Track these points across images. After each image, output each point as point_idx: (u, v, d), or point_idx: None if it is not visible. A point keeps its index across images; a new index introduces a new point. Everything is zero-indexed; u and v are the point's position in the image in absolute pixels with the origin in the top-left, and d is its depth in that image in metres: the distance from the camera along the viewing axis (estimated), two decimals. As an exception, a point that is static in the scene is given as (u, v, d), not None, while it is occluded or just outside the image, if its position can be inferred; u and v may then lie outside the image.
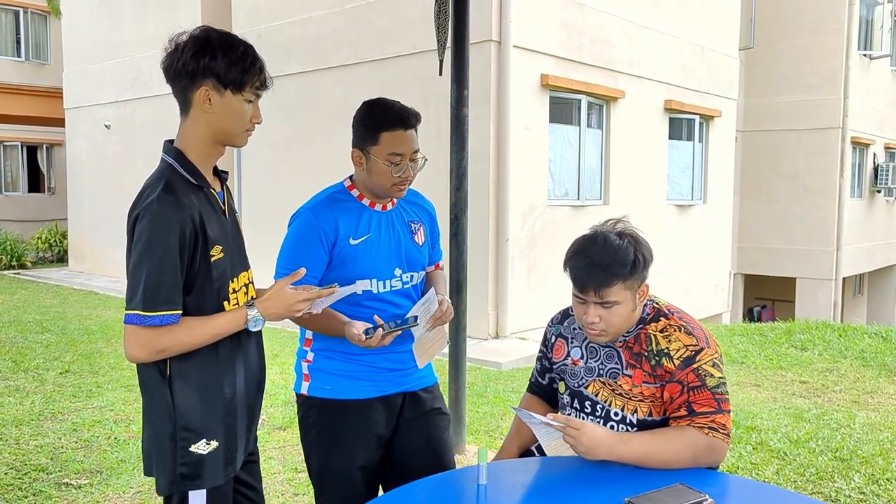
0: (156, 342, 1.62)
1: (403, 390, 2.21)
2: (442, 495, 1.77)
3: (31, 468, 3.80)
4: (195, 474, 1.70)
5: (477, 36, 7.45)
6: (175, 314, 1.63)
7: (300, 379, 2.19)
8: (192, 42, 1.67)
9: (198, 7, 11.24)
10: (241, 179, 10.70)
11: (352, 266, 2.09)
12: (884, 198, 17.16)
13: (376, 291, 2.13)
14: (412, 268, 2.22)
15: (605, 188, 9.41)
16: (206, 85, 1.67)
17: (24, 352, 6.63)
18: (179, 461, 1.69)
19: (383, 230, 2.16)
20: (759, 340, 7.52)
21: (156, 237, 1.60)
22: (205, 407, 1.71)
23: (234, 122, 1.72)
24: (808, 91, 14.82)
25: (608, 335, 1.92)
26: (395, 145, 2.06)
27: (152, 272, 1.59)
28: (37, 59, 18.42)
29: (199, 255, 1.67)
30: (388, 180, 2.09)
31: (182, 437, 1.69)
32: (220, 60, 1.66)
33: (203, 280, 1.69)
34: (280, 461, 3.97)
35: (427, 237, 2.30)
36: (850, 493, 3.55)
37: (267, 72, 1.76)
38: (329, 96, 9.39)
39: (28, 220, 17.94)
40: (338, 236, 2.07)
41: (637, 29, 9.58)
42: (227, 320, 1.70)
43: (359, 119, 2.14)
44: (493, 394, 5.52)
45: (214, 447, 1.72)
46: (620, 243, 1.88)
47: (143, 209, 1.63)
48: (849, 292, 16.95)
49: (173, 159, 1.72)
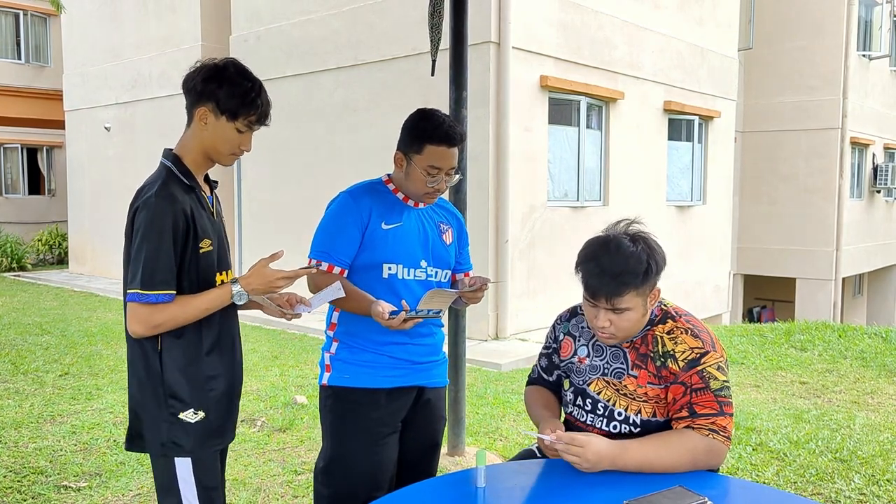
0: (152, 317, 1.81)
1: (417, 384, 2.29)
2: (441, 498, 1.77)
3: (30, 471, 3.80)
4: (185, 442, 1.88)
5: (476, 37, 7.45)
6: (170, 293, 1.83)
7: (322, 371, 2.28)
8: (210, 68, 1.91)
9: (197, 10, 11.24)
10: (242, 181, 10.70)
11: (380, 249, 2.20)
12: (883, 198, 17.15)
13: (401, 277, 2.22)
14: (438, 264, 2.31)
15: (604, 189, 9.41)
16: (206, 106, 1.90)
17: (23, 354, 6.63)
18: (169, 425, 1.87)
19: (413, 222, 2.27)
20: (759, 341, 7.52)
21: (153, 226, 1.81)
22: (191, 381, 1.90)
23: (222, 144, 1.94)
24: (807, 92, 14.82)
25: (618, 338, 1.93)
26: (436, 159, 2.18)
27: (150, 256, 1.80)
28: (37, 61, 18.42)
29: (189, 245, 1.87)
30: (422, 188, 2.22)
31: (170, 405, 1.87)
32: (224, 90, 1.88)
33: (193, 268, 1.89)
34: (280, 463, 3.97)
35: (454, 240, 2.39)
36: (851, 494, 3.54)
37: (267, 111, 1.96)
38: (329, 98, 9.39)
39: (28, 223, 17.94)
40: (371, 219, 2.19)
41: (636, 30, 9.58)
42: (214, 295, 1.89)
43: (409, 125, 2.24)
44: (493, 395, 5.51)
45: (201, 417, 1.90)
46: (634, 250, 1.85)
47: (142, 203, 1.85)
48: (848, 293, 16.95)
49: (171, 163, 1.94)
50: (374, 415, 2.20)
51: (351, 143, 9.04)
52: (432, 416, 2.36)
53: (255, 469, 3.90)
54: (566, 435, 1.80)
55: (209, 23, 11.22)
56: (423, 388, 2.32)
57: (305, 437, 4.40)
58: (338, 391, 2.23)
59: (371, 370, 2.21)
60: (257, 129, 1.97)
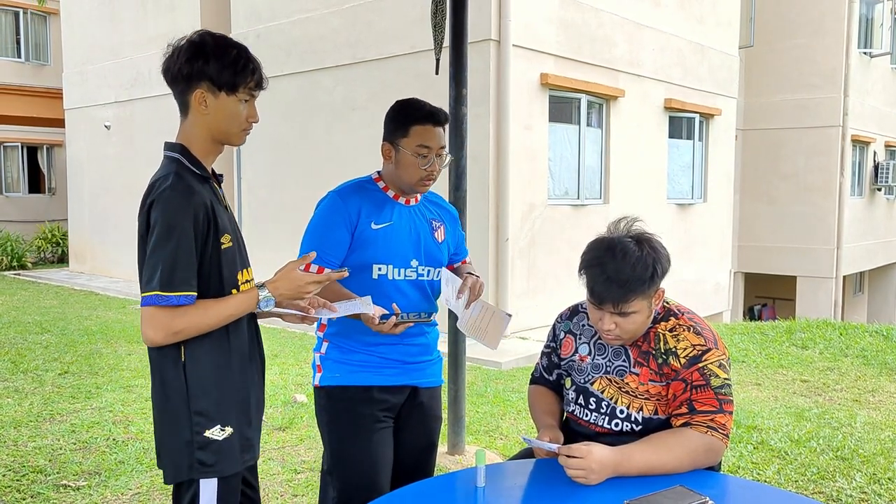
0: (172, 323, 1.65)
1: (410, 384, 2.27)
2: (440, 498, 1.76)
3: (30, 470, 3.79)
4: (211, 460, 1.73)
5: (476, 35, 7.44)
6: (191, 295, 1.67)
7: (314, 372, 2.26)
8: (188, 47, 1.74)
9: (197, 8, 11.22)
10: (241, 179, 10.69)
11: (371, 249, 2.17)
12: (884, 196, 17.14)
13: (391, 277, 2.19)
14: (430, 262, 2.28)
15: (605, 187, 9.40)
16: (201, 88, 1.73)
17: (23, 353, 6.62)
18: (196, 446, 1.72)
19: (405, 221, 2.24)
20: (760, 339, 7.51)
21: (171, 221, 1.65)
22: (219, 393, 1.74)
23: (230, 122, 1.78)
24: (808, 89, 14.80)
25: (623, 340, 1.92)
26: (423, 138, 2.17)
27: (169, 254, 1.64)
28: (37, 59, 18.41)
29: (210, 241, 1.72)
30: (416, 173, 2.17)
31: (196, 423, 1.72)
32: (212, 64, 1.71)
33: (214, 267, 1.73)
34: (279, 462, 3.96)
35: (447, 237, 2.37)
36: (852, 493, 3.53)
37: (262, 72, 1.80)
38: (328, 96, 9.38)
39: (29, 221, 17.93)
40: (360, 219, 2.16)
41: (637, 28, 9.57)
42: (239, 301, 1.75)
43: (391, 115, 2.24)
44: (493, 393, 5.50)
45: (229, 433, 1.75)
46: (640, 255, 1.84)
47: (157, 195, 1.68)
48: (849, 291, 16.94)
49: (178, 154, 1.77)
50: (366, 410, 2.18)
51: (350, 141, 9.03)
52: (427, 416, 2.32)
53: (255, 468, 3.89)
54: (565, 447, 1.78)
55: (208, 21, 11.20)
56: (417, 388, 2.29)
57: (305, 435, 4.39)
58: (329, 391, 2.21)
59: (362, 369, 2.19)
60: (258, 96, 1.81)
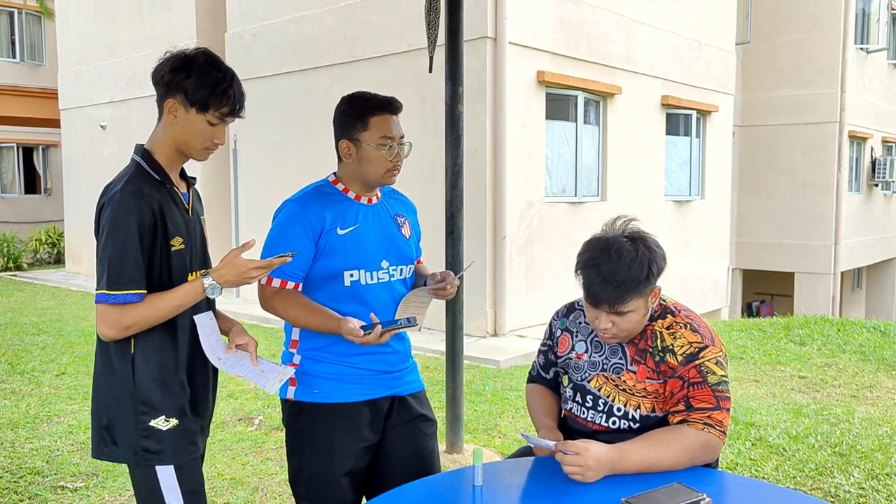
0: (121, 319, 1.74)
1: (392, 394, 2.18)
2: (437, 497, 1.75)
3: (27, 471, 3.78)
4: (159, 449, 1.81)
5: (472, 33, 7.43)
6: (138, 293, 1.75)
7: (286, 385, 2.13)
8: (177, 58, 1.83)
9: (192, 7, 11.19)
10: (238, 178, 10.67)
11: (339, 256, 2.08)
12: (881, 191, 17.16)
13: (364, 283, 2.11)
14: (400, 260, 2.21)
15: (602, 185, 9.39)
16: (175, 98, 1.82)
17: (20, 354, 6.61)
18: (141, 434, 1.80)
19: (371, 222, 2.16)
20: (758, 335, 7.51)
21: (118, 223, 1.74)
22: (163, 386, 1.82)
23: (194, 137, 1.85)
24: (805, 85, 14.81)
25: (620, 338, 1.91)
26: (384, 129, 2.10)
27: (115, 255, 1.73)
28: (32, 60, 18.37)
29: (159, 243, 1.80)
30: (382, 165, 2.11)
31: (141, 412, 1.80)
32: (192, 80, 1.79)
33: (164, 267, 1.82)
34: (277, 462, 3.95)
35: (412, 231, 2.31)
36: (850, 489, 3.53)
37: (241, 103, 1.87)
38: (325, 95, 9.35)
39: (25, 222, 17.90)
40: (324, 227, 2.07)
41: (633, 24, 9.55)
42: (186, 291, 1.81)
43: (342, 111, 2.16)
44: (492, 392, 5.50)
45: (174, 424, 1.83)
46: (635, 255, 1.83)
47: (107, 200, 1.79)
48: (847, 286, 16.96)
49: (140, 157, 1.87)
50: (349, 430, 2.08)
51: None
52: (420, 421, 2.22)
53: (253, 468, 3.88)
54: (562, 444, 1.77)
55: (204, 20, 11.18)
56: (403, 398, 2.20)
57: (303, 435, 4.38)
58: (307, 407, 2.10)
59: (341, 384, 2.09)
60: (230, 122, 1.87)
